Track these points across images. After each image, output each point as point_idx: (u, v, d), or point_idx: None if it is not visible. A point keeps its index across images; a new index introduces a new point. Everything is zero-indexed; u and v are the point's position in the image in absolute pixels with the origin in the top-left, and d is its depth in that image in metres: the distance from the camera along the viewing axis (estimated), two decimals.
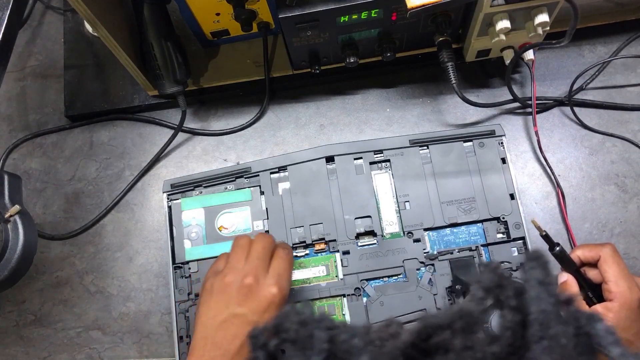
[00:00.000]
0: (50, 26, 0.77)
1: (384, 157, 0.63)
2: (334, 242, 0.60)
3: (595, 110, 0.66)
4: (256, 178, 0.63)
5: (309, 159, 0.63)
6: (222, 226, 0.62)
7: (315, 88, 0.70)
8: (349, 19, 0.57)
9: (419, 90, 0.69)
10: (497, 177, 0.61)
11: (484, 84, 0.68)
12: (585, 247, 0.52)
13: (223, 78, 0.69)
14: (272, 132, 0.69)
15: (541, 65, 0.68)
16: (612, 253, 0.50)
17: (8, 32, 0.51)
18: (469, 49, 0.63)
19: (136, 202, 0.68)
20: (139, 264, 0.65)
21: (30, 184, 0.70)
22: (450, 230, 0.61)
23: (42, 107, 0.73)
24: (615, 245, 0.51)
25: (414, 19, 0.59)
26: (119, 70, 0.70)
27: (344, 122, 0.69)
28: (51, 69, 0.75)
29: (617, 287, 0.48)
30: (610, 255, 0.50)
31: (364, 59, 0.66)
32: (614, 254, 0.50)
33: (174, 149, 0.70)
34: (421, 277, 0.59)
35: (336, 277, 0.60)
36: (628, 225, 0.61)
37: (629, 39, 0.68)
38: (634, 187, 0.63)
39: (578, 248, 0.52)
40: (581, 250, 0.51)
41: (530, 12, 0.57)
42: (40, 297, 0.65)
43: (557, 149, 0.65)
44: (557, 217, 0.62)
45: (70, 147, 0.71)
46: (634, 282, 0.49)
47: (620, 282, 0.48)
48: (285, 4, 0.55)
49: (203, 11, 0.61)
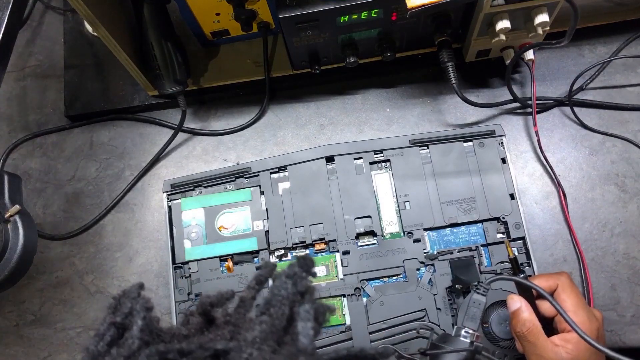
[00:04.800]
0: (50, 26, 0.77)
1: (384, 157, 0.63)
2: (334, 242, 0.60)
3: (595, 110, 0.66)
4: (256, 178, 0.63)
5: (309, 159, 0.63)
6: (222, 226, 0.62)
7: (315, 88, 0.70)
8: (349, 19, 0.57)
9: (419, 90, 0.69)
10: (497, 177, 0.61)
11: (484, 84, 0.68)
12: (541, 277, 0.50)
13: (223, 78, 0.69)
14: (272, 132, 0.69)
15: (541, 65, 0.68)
16: (570, 282, 0.49)
17: (8, 32, 0.51)
18: (469, 49, 0.63)
19: (136, 202, 0.68)
20: (139, 264, 0.65)
21: (30, 184, 0.70)
22: (450, 230, 0.61)
23: (42, 107, 0.73)
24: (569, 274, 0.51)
25: (414, 19, 0.59)
26: (119, 70, 0.70)
27: (344, 122, 0.69)
28: (51, 69, 0.75)
29: (576, 317, 0.46)
30: (568, 284, 0.49)
31: (364, 59, 0.66)
32: (571, 284, 0.49)
33: (174, 149, 0.70)
34: (421, 277, 0.59)
35: (336, 277, 0.60)
36: (628, 225, 0.61)
37: (629, 39, 0.68)
38: (634, 187, 0.63)
39: (533, 279, 0.50)
40: (537, 281, 0.49)
41: (530, 12, 0.57)
42: (40, 297, 0.65)
43: (557, 149, 0.65)
44: (557, 217, 0.62)
45: (70, 147, 0.71)
46: (592, 312, 0.48)
47: (580, 312, 0.47)
48: (285, 4, 0.55)
49: (203, 11, 0.61)
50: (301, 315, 0.27)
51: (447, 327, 0.57)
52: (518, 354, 0.54)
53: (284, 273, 0.28)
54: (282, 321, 0.27)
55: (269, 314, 0.27)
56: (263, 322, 0.27)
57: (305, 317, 0.26)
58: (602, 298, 0.59)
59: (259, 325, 0.26)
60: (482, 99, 0.67)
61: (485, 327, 0.56)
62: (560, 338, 0.47)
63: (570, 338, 0.46)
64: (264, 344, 0.26)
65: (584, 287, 0.59)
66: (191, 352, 0.26)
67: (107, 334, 0.27)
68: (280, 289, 0.27)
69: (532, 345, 0.47)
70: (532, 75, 0.63)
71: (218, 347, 0.26)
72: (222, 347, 0.26)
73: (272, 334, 0.26)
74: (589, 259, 0.60)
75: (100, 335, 0.27)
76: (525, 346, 0.48)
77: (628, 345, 0.58)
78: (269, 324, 0.26)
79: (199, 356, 0.26)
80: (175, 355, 0.26)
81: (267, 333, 0.26)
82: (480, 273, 0.58)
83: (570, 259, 0.61)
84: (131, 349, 0.26)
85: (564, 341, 0.46)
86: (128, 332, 0.27)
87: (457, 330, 0.49)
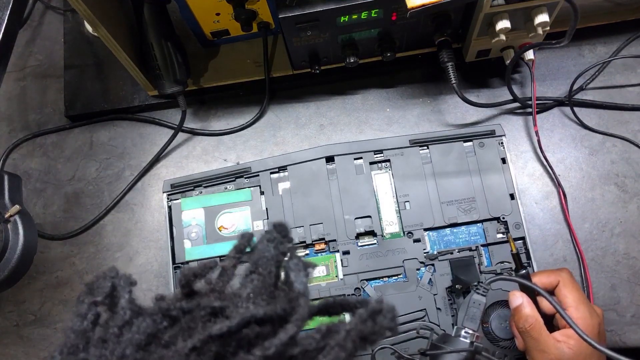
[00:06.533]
0: (50, 26, 0.77)
1: (384, 157, 0.63)
2: (334, 242, 0.60)
3: (595, 110, 0.66)
4: (256, 178, 0.63)
5: (309, 159, 0.63)
6: (222, 226, 0.62)
7: (315, 88, 0.70)
8: (349, 19, 0.57)
9: (419, 90, 0.69)
10: (497, 177, 0.61)
11: (484, 84, 0.68)
12: (542, 273, 0.50)
13: (223, 78, 0.69)
14: (272, 132, 0.69)
15: (541, 65, 0.68)
16: (571, 278, 0.49)
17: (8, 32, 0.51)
18: (469, 49, 0.63)
19: (136, 202, 0.68)
20: (139, 264, 0.65)
21: (30, 184, 0.70)
22: (450, 230, 0.61)
23: (42, 107, 0.73)
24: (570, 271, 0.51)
25: (414, 19, 0.59)
26: (119, 70, 0.70)
27: (344, 122, 0.69)
28: (51, 69, 0.75)
29: (578, 313, 0.47)
30: (569, 280, 0.49)
31: (364, 59, 0.66)
32: (572, 280, 0.49)
33: (174, 149, 0.70)
34: (421, 277, 0.59)
35: (336, 277, 0.60)
36: (628, 225, 0.61)
37: (629, 39, 0.68)
38: (634, 187, 0.63)
39: (534, 275, 0.51)
40: (538, 278, 0.50)
41: (530, 12, 0.57)
42: (40, 297, 0.65)
43: (557, 149, 0.65)
44: (557, 217, 0.62)
45: (70, 147, 0.71)
46: (593, 308, 0.48)
47: (581, 308, 0.47)
48: (285, 4, 0.55)
49: (203, 11, 0.61)
50: (291, 267, 0.28)
51: (447, 327, 0.57)
52: (518, 354, 0.54)
53: (265, 237, 0.30)
54: (271, 278, 0.28)
55: (258, 272, 0.28)
56: (254, 279, 0.28)
57: (296, 268, 0.28)
58: (602, 298, 0.59)
59: (250, 283, 0.28)
60: (482, 99, 0.67)
61: (485, 327, 0.56)
62: (562, 334, 0.47)
63: (572, 334, 0.46)
64: (257, 298, 0.27)
65: (584, 287, 0.59)
66: (191, 311, 0.27)
67: (90, 312, 0.27)
68: (265, 251, 0.29)
69: (534, 341, 0.47)
70: (532, 75, 0.63)
71: (215, 305, 0.27)
72: (218, 305, 0.27)
73: (264, 289, 0.28)
74: (589, 259, 0.60)
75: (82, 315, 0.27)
76: (527, 342, 0.48)
77: (628, 345, 0.58)
78: (260, 280, 0.28)
79: (198, 315, 0.27)
80: (179, 312, 0.27)
81: (260, 288, 0.28)
82: (480, 273, 0.58)
83: (570, 259, 0.61)
84: (124, 319, 0.26)
85: (566, 337, 0.46)
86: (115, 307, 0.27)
87: (457, 330, 0.49)
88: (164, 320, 0.26)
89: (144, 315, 0.26)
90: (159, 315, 0.26)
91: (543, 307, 0.49)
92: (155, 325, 0.26)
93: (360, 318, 0.25)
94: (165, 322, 0.26)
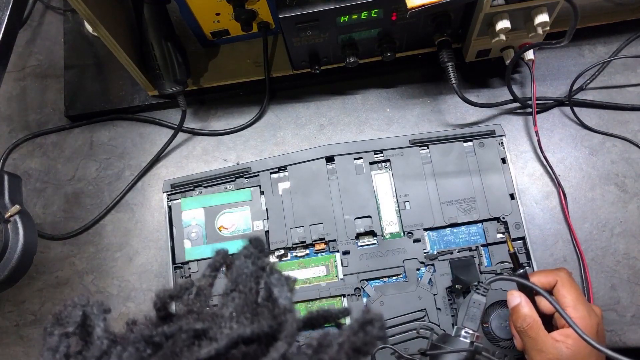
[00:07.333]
0: (50, 26, 0.77)
1: (384, 157, 0.63)
2: (334, 242, 0.60)
3: (595, 110, 0.66)
4: (256, 178, 0.63)
5: (309, 159, 0.63)
6: (222, 226, 0.62)
7: (315, 88, 0.70)
8: (349, 19, 0.57)
9: (419, 90, 0.69)
10: (497, 177, 0.61)
11: (484, 84, 0.68)
12: (541, 273, 0.50)
13: (223, 78, 0.69)
14: (272, 132, 0.69)
15: (541, 65, 0.68)
16: (569, 278, 0.49)
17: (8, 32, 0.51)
18: (469, 49, 0.63)
19: (136, 202, 0.68)
20: (139, 264, 0.65)
21: (30, 184, 0.70)
22: (450, 230, 0.61)
23: (42, 107, 0.73)
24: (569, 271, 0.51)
25: (414, 19, 0.59)
26: (119, 70, 0.70)
27: (344, 122, 0.69)
28: (51, 69, 0.75)
29: (576, 312, 0.46)
30: (567, 280, 0.49)
31: (364, 59, 0.66)
32: (570, 279, 0.49)
33: (174, 149, 0.70)
34: (421, 277, 0.59)
35: (336, 277, 0.60)
36: (628, 225, 0.61)
37: (629, 39, 0.68)
38: (634, 187, 0.63)
39: (533, 275, 0.51)
40: (537, 277, 0.50)
41: (530, 12, 0.57)
42: (40, 297, 0.65)
43: (557, 149, 0.65)
44: (557, 217, 0.62)
45: (70, 147, 0.71)
46: (591, 307, 0.48)
47: (579, 307, 0.47)
48: (285, 4, 0.55)
49: (203, 11, 0.61)
50: (273, 282, 0.28)
51: (447, 327, 0.57)
52: (518, 354, 0.54)
53: (242, 254, 0.29)
54: (253, 295, 0.28)
55: (239, 289, 0.28)
56: (235, 298, 0.27)
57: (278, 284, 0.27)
58: (602, 298, 0.59)
59: (231, 302, 0.27)
60: (482, 99, 0.67)
61: (485, 327, 0.56)
62: (560, 333, 0.47)
63: (570, 333, 0.46)
64: (240, 316, 0.26)
65: (584, 287, 0.59)
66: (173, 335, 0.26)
67: (61, 345, 0.26)
68: (243, 267, 0.28)
69: (532, 340, 0.47)
70: (532, 75, 0.63)
71: (197, 327, 0.26)
72: (201, 327, 0.26)
73: (246, 307, 0.27)
74: (589, 259, 0.60)
75: (53, 348, 0.26)
76: (525, 342, 0.48)
77: (628, 345, 0.58)
78: (241, 298, 0.27)
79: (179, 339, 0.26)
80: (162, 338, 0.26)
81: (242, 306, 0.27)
82: (480, 273, 0.58)
83: (570, 259, 0.61)
84: (101, 349, 0.25)
85: (564, 336, 0.46)
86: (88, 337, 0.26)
87: (457, 330, 0.49)
88: (147, 348, 0.25)
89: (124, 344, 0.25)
90: (141, 342, 0.25)
91: (542, 306, 0.49)
92: (138, 353, 0.25)
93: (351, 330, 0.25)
94: (149, 350, 0.25)
